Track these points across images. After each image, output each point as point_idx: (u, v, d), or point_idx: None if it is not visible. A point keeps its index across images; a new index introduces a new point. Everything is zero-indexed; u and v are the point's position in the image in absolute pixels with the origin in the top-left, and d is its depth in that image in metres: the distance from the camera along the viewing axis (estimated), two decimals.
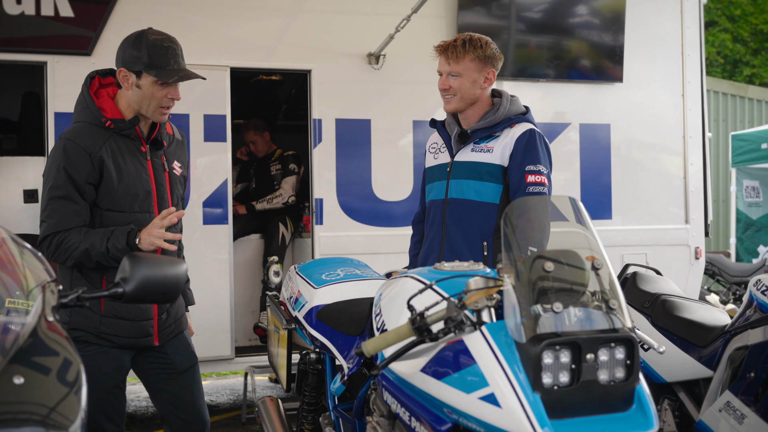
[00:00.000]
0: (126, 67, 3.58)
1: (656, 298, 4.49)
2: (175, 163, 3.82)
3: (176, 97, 3.63)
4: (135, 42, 3.57)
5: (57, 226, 3.51)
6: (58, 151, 3.55)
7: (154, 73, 3.52)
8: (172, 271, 2.61)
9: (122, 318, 3.61)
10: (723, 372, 3.92)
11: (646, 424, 2.35)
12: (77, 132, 3.58)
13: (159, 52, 3.53)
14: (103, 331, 3.59)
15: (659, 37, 7.86)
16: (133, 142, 3.65)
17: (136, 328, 3.66)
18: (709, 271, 10.68)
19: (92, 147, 3.53)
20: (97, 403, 3.57)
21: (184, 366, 3.83)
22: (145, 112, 3.62)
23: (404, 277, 3.14)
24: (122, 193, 3.57)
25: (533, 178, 3.87)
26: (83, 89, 3.67)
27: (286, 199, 7.80)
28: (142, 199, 3.63)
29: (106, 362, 3.62)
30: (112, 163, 3.55)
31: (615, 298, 2.46)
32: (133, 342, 3.67)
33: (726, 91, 15.76)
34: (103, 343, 3.60)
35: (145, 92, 3.57)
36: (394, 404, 2.82)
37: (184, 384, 3.83)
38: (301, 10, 6.88)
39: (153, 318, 3.70)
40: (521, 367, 2.32)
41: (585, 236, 2.64)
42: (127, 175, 3.59)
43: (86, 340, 3.58)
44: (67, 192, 3.49)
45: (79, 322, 3.58)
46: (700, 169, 7.90)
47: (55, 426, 1.97)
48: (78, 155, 3.50)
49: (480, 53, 3.97)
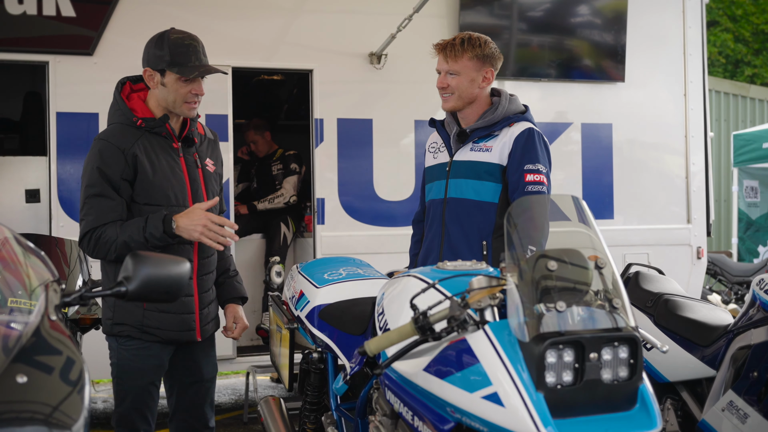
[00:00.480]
0: (150, 66, 3.70)
1: (659, 297, 4.48)
2: (208, 161, 3.93)
3: (200, 92, 3.73)
4: (157, 42, 3.70)
5: (94, 222, 3.60)
6: (93, 152, 3.67)
7: (176, 69, 3.64)
8: (175, 270, 2.61)
9: (165, 311, 3.68)
10: (726, 371, 3.92)
11: (650, 423, 2.34)
12: (110, 132, 3.71)
13: (180, 49, 3.66)
14: (146, 324, 3.67)
15: (661, 37, 7.86)
16: (165, 139, 3.76)
17: (179, 322, 3.73)
18: (711, 270, 10.68)
19: (125, 144, 3.64)
20: (132, 400, 3.69)
21: (208, 375, 3.96)
22: (173, 109, 3.73)
23: (407, 276, 3.14)
24: (157, 187, 3.67)
25: (532, 177, 3.86)
26: (115, 93, 3.79)
27: (287, 199, 7.79)
28: (177, 194, 3.73)
29: (145, 358, 3.70)
30: (146, 159, 3.66)
31: (618, 297, 2.45)
32: (176, 336, 3.74)
33: (728, 90, 15.75)
34: (146, 338, 3.68)
35: (170, 89, 3.68)
36: (396, 403, 2.82)
37: (203, 392, 3.94)
38: (303, 10, 6.88)
39: (195, 312, 3.78)
40: (524, 366, 2.32)
41: (588, 236, 2.63)
42: (161, 170, 3.69)
43: (129, 335, 3.68)
44: (102, 189, 3.60)
45: (122, 317, 3.68)
46: (701, 169, 7.89)
47: (58, 425, 1.97)
48: (111, 153, 3.62)
49: (479, 52, 3.96)
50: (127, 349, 3.70)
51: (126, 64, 6.32)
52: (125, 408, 3.72)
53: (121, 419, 3.73)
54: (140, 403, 3.72)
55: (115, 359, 3.74)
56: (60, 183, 6.22)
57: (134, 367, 3.69)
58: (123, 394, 3.71)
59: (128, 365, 3.70)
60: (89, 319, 4.59)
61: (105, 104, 6.19)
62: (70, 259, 4.70)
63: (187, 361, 3.87)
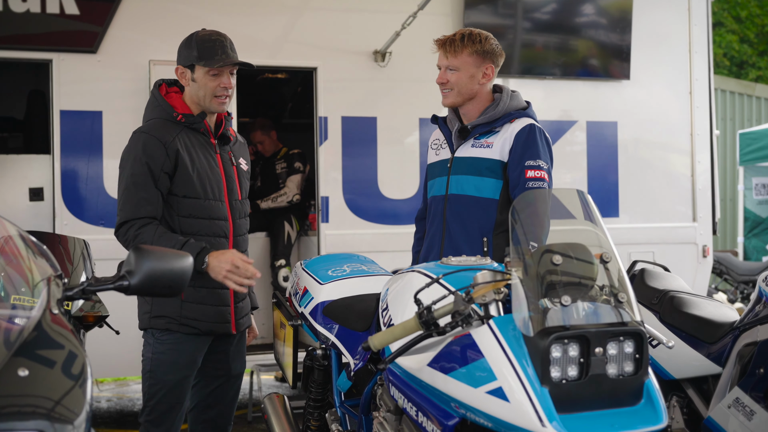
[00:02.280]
0: (181, 64, 3.87)
1: (664, 294, 4.46)
2: (241, 159, 4.06)
3: (229, 86, 3.85)
4: (187, 41, 3.87)
5: (130, 215, 3.69)
6: (134, 144, 3.77)
7: (203, 63, 3.78)
8: (177, 265, 2.60)
9: (202, 303, 3.79)
10: (732, 368, 3.89)
11: (656, 418, 2.33)
12: (152, 126, 3.82)
13: (207, 45, 3.81)
14: (185, 315, 3.77)
15: (666, 35, 7.83)
16: (203, 135, 3.89)
17: (216, 313, 3.83)
18: (717, 269, 10.65)
19: (166, 138, 3.75)
20: (165, 394, 3.76)
21: (236, 371, 4.05)
22: (203, 103, 3.85)
23: (411, 271, 3.13)
24: (196, 181, 3.77)
25: (533, 173, 3.84)
26: (153, 91, 3.94)
27: (290, 198, 7.78)
28: (214, 188, 3.84)
29: (181, 353, 3.79)
30: (186, 154, 3.77)
31: (624, 291, 2.44)
32: (213, 327, 3.83)
33: (733, 89, 15.72)
34: (184, 330, 3.77)
35: (200, 84, 3.82)
36: (401, 399, 2.81)
37: (229, 388, 4.03)
38: (307, 8, 6.87)
39: (230, 305, 3.89)
40: (529, 361, 2.31)
41: (594, 232, 2.62)
42: (200, 164, 3.80)
43: (168, 328, 3.77)
44: (140, 181, 3.70)
45: (161, 309, 3.77)
46: (707, 168, 7.86)
47: (60, 419, 1.96)
48: (153, 145, 3.72)
49: (478, 48, 3.95)
50: (163, 343, 3.78)
51: (130, 62, 6.37)
52: (157, 401, 3.78)
53: (152, 412, 3.78)
54: (173, 397, 3.78)
55: (149, 353, 3.81)
56: (64, 181, 6.21)
57: (170, 361, 3.77)
58: (156, 388, 3.77)
59: (164, 359, 3.78)
60: (92, 316, 4.57)
61: (109, 102, 6.30)
62: (73, 257, 4.68)
63: (219, 354, 3.95)
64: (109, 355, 5.70)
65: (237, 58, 3.88)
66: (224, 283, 3.64)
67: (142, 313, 3.84)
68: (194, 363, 3.84)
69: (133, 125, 6.15)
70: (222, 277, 3.61)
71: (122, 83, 6.34)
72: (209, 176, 3.82)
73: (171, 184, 3.75)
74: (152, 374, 3.78)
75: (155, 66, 6.25)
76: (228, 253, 3.65)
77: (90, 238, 5.10)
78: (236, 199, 3.94)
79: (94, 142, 6.28)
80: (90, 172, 6.27)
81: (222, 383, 4.00)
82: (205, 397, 3.99)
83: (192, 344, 3.80)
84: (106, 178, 6.29)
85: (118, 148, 6.20)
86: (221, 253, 3.65)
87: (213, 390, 4.00)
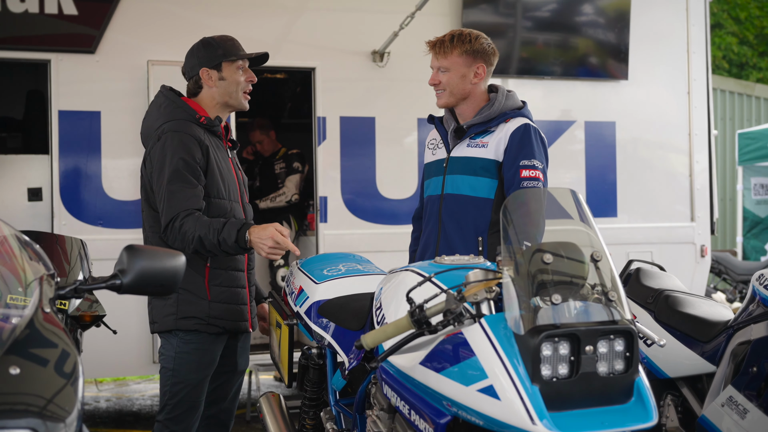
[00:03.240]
0: (206, 66, 3.88)
1: (659, 293, 4.47)
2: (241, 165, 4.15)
3: (253, 79, 3.94)
4: (204, 45, 3.91)
5: (177, 209, 3.65)
6: (172, 142, 3.72)
7: (233, 58, 3.87)
8: (170, 263, 2.61)
9: (225, 302, 3.85)
10: (726, 367, 3.90)
11: (646, 416, 2.34)
12: (180, 125, 3.79)
13: (229, 43, 3.91)
14: (212, 315, 3.81)
15: (664, 35, 7.84)
16: (219, 139, 3.95)
17: (238, 312, 3.91)
18: (716, 269, 10.66)
19: (199, 136, 3.78)
20: (187, 393, 3.79)
21: (242, 367, 4.11)
22: (232, 101, 3.92)
23: (404, 270, 3.13)
24: (221, 182, 3.83)
25: (528, 172, 3.85)
26: (169, 95, 3.91)
27: (289, 198, 7.79)
28: (232, 190, 3.91)
29: (204, 353, 3.82)
30: (213, 155, 3.82)
31: (614, 290, 2.45)
32: (235, 326, 3.91)
33: (732, 89, 15.72)
34: (211, 330, 3.81)
35: (230, 80, 3.88)
36: (393, 398, 2.81)
37: (233, 383, 4.09)
38: (306, 8, 6.88)
39: (247, 303, 3.98)
40: (520, 359, 2.32)
41: (586, 232, 2.63)
42: (222, 167, 3.86)
43: (195, 329, 3.79)
44: (184, 177, 3.68)
45: (188, 310, 3.79)
46: (705, 167, 7.87)
47: (51, 417, 1.97)
48: (191, 143, 3.73)
49: (468, 48, 3.95)
50: (188, 343, 3.80)
51: (128, 62, 6.39)
52: (179, 400, 3.80)
53: (173, 410, 3.80)
54: (194, 396, 3.82)
55: (171, 352, 3.81)
56: (62, 181, 6.23)
57: (194, 361, 3.79)
58: (179, 387, 3.79)
59: (188, 358, 3.80)
60: (90, 316, 4.59)
61: (107, 102, 6.32)
62: (70, 257, 4.70)
63: (228, 350, 4.00)
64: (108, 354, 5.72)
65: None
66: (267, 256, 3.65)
67: (164, 315, 3.80)
68: (215, 362, 3.89)
69: (132, 126, 6.24)
70: (264, 254, 3.62)
71: (120, 84, 6.36)
72: (228, 178, 3.89)
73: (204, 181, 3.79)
74: (175, 373, 3.79)
75: (153, 66, 6.27)
76: (268, 228, 3.61)
77: (88, 238, 5.13)
78: (246, 201, 4.01)
79: (92, 143, 6.30)
80: (88, 172, 6.29)
81: (227, 379, 4.05)
82: (210, 392, 4.01)
83: (215, 344, 3.86)
84: (105, 178, 6.31)
85: (117, 148, 6.32)
86: (262, 228, 3.62)
87: (218, 386, 4.04)
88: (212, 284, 3.79)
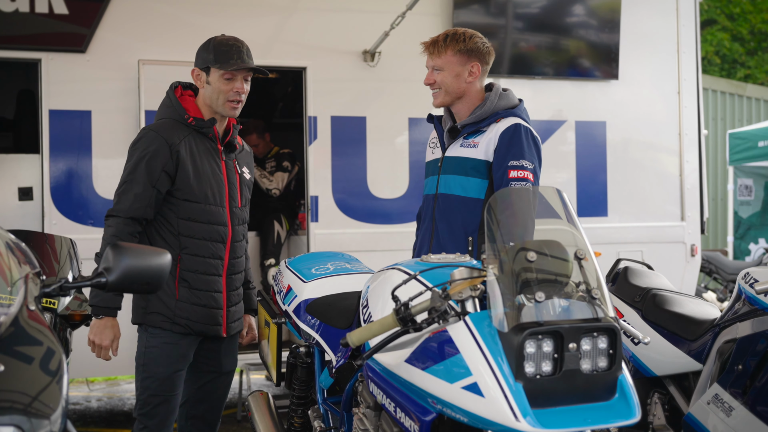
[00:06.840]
0: (198, 66, 3.93)
1: (647, 292, 4.48)
2: (244, 168, 4.12)
3: (242, 91, 3.91)
4: (205, 45, 3.93)
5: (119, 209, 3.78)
6: (140, 141, 3.84)
7: (218, 66, 3.85)
8: (155, 261, 2.62)
9: (195, 304, 3.87)
10: (712, 365, 3.92)
11: (629, 413, 2.36)
12: (161, 125, 3.89)
13: (223, 48, 3.87)
14: (178, 314, 3.84)
15: (655, 35, 7.86)
16: (210, 141, 3.95)
17: (208, 315, 3.91)
18: (706, 268, 10.69)
19: (172, 139, 3.81)
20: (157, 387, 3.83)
21: (227, 368, 4.12)
22: (216, 107, 3.92)
23: (391, 269, 3.15)
24: (197, 186, 3.84)
25: (516, 173, 3.83)
26: (168, 92, 3.99)
27: (270, 188, 7.77)
28: (215, 193, 3.91)
29: (173, 347, 3.86)
30: (189, 158, 3.83)
31: (598, 288, 2.46)
32: (203, 328, 3.91)
33: (724, 89, 15.74)
34: (176, 329, 3.85)
35: (214, 87, 3.88)
36: (379, 395, 2.83)
37: (219, 384, 4.11)
38: (297, 8, 6.89)
39: (222, 308, 3.96)
40: (504, 356, 2.33)
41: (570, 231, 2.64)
42: (202, 170, 3.87)
43: (160, 326, 3.84)
44: (138, 178, 3.78)
45: (156, 306, 3.85)
46: (696, 167, 7.89)
47: (36, 414, 1.98)
48: (159, 144, 3.79)
49: (462, 47, 3.96)
50: (155, 337, 3.85)
51: (119, 62, 6.38)
52: (150, 395, 3.83)
53: (145, 405, 3.84)
54: (164, 390, 3.84)
55: (142, 347, 3.88)
56: (53, 181, 6.22)
57: (161, 355, 3.83)
58: (149, 381, 3.84)
59: (156, 353, 3.84)
60: (79, 315, 4.59)
61: (98, 102, 6.32)
62: (60, 256, 4.70)
63: (210, 351, 4.02)
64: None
65: (253, 64, 3.93)
66: (91, 347, 3.77)
67: (136, 307, 3.91)
68: (185, 358, 3.90)
69: (123, 125, 6.26)
70: (91, 343, 3.75)
71: (111, 83, 6.35)
72: (211, 181, 3.88)
73: (172, 185, 3.81)
74: (145, 368, 3.85)
75: (144, 66, 6.27)
76: (105, 331, 3.73)
77: (79, 238, 5.13)
78: (236, 206, 4.00)
79: (83, 142, 6.29)
80: (79, 171, 6.29)
81: (212, 379, 4.07)
82: (195, 391, 4.05)
83: (183, 341, 3.87)
84: (95, 177, 6.30)
85: (107, 147, 6.31)
86: (102, 325, 3.74)
87: (203, 385, 4.06)
88: (181, 285, 3.84)
